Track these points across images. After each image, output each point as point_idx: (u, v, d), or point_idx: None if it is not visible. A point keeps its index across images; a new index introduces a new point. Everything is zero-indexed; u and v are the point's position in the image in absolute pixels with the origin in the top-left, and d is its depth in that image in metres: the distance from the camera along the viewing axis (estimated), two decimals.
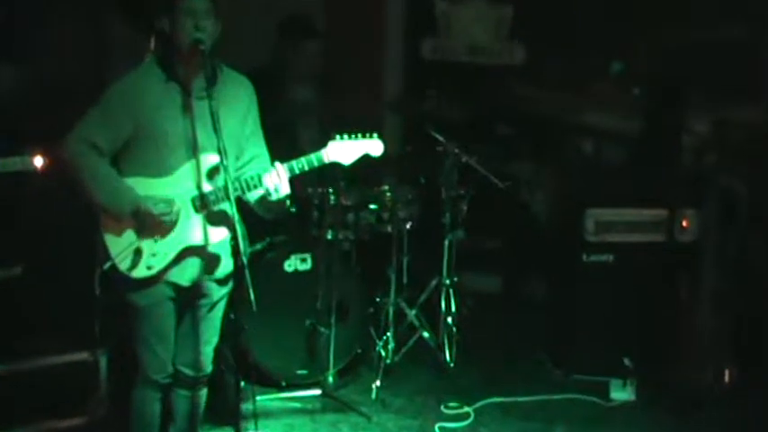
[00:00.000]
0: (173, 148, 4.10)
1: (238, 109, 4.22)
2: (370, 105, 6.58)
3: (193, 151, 4.11)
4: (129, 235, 4.11)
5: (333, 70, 6.41)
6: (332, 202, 5.65)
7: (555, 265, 6.42)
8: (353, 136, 4.16)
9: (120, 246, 4.10)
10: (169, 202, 4.09)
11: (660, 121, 6.65)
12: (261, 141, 4.33)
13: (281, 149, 4.39)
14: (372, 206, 5.91)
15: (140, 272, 4.12)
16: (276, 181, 4.08)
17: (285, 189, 4.11)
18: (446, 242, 6.01)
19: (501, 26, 7.36)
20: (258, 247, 5.61)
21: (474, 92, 7.04)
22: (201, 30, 4.01)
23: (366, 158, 4.22)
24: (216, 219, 4.15)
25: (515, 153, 7.21)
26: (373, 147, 4.20)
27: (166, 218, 4.08)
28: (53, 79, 5.64)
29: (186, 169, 4.13)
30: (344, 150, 4.16)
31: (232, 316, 4.52)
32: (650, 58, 6.92)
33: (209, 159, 4.13)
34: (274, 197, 4.11)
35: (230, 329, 4.51)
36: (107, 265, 4.12)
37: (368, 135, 4.18)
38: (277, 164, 4.12)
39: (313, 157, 4.15)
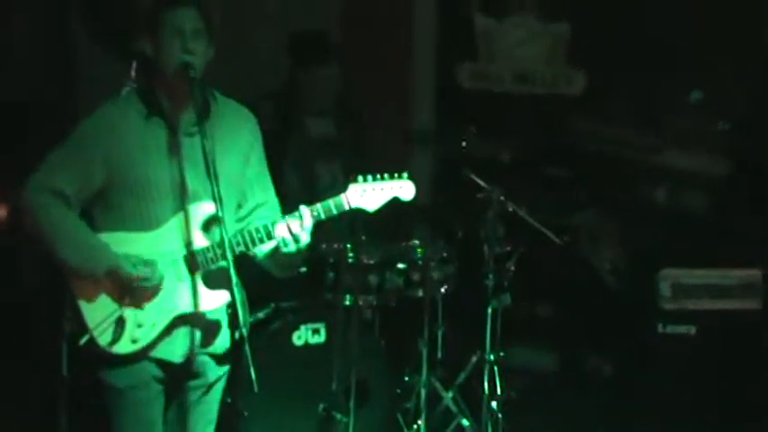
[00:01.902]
0: (157, 198, 4.12)
1: (238, 147, 4.25)
2: (397, 142, 6.63)
3: (183, 200, 4.12)
4: (108, 302, 4.13)
5: (353, 99, 6.49)
6: (350, 260, 5.68)
7: (623, 338, 6.41)
8: (379, 177, 4.17)
9: (98, 314, 4.12)
10: (150, 265, 4.10)
11: (751, 161, 6.69)
12: (267, 185, 4.36)
13: (295, 194, 4.39)
14: (400, 265, 5.93)
15: (124, 346, 4.14)
16: (295, 228, 4.08)
17: (305, 238, 4.10)
18: (489, 309, 6.01)
19: (556, 48, 7.40)
20: (260, 315, 5.65)
21: (522, 127, 7.09)
22: (190, 52, 4.05)
23: (393, 207, 4.23)
24: (213, 281, 4.16)
25: (574, 201, 7.24)
26: (403, 190, 4.20)
27: (146, 283, 4.09)
28: (8, 114, 5.70)
29: (175, 222, 4.14)
30: (369, 194, 4.16)
31: (229, 400, 4.61)
32: (739, 86, 6.97)
33: (203, 209, 4.14)
34: (292, 248, 4.10)
35: (227, 416, 4.50)
36: (84, 338, 4.12)
37: (396, 176, 4.19)
38: (302, 208, 4.11)
39: (331, 202, 4.14)
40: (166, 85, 4.12)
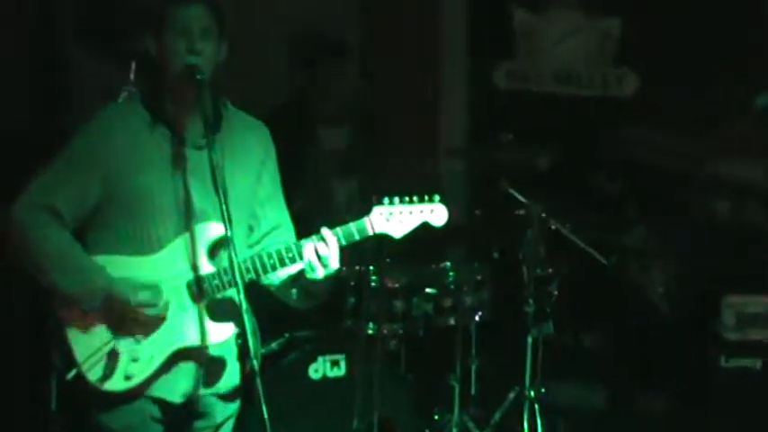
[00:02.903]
0: (160, 217, 4.11)
1: (250, 162, 4.25)
2: (424, 153, 6.71)
3: (188, 220, 4.12)
4: (101, 332, 4.10)
5: (372, 106, 6.52)
6: (374, 285, 5.71)
7: (681, 371, 6.40)
8: (407, 200, 4.16)
9: (88, 347, 4.10)
10: (154, 290, 4.08)
11: None
12: (281, 206, 4.36)
13: (308, 215, 4.44)
14: (429, 290, 5.98)
15: (116, 383, 4.10)
16: (323, 251, 4.07)
17: (335, 262, 4.10)
18: (529, 339, 6.01)
19: (604, 45, 7.42)
20: (274, 346, 5.65)
21: (565, 134, 7.07)
22: (198, 53, 4.05)
23: (422, 227, 4.20)
24: (219, 311, 4.15)
25: (623, 217, 7.25)
26: (435, 214, 4.19)
27: (150, 311, 4.07)
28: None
29: (179, 245, 4.13)
30: (395, 218, 4.16)
31: None
32: None
33: (211, 231, 4.13)
34: (318, 274, 4.10)
35: None
36: (71, 373, 4.10)
37: (427, 198, 4.17)
38: (324, 230, 4.11)
39: (353, 227, 4.14)
40: (171, 89, 4.12)
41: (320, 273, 4.10)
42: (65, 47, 6.22)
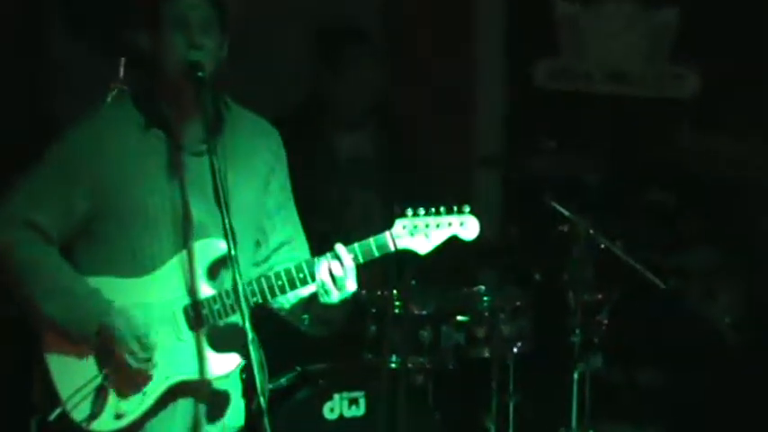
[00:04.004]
0: (154, 233, 4.13)
1: (256, 170, 4.26)
2: (455, 161, 6.66)
3: (186, 236, 4.13)
4: (89, 364, 4.12)
5: (397, 108, 6.51)
6: (397, 311, 5.72)
7: (750, 412, 6.39)
8: (434, 211, 4.16)
9: (74, 381, 4.11)
10: (143, 342, 4.05)
11: None
12: (292, 218, 4.38)
13: (321, 228, 4.45)
14: (460, 317, 5.97)
15: (105, 423, 4.11)
16: (338, 271, 4.07)
17: (351, 285, 4.11)
18: (575, 375, 6.01)
19: (660, 40, 7.42)
20: (283, 381, 5.66)
21: (616, 140, 7.09)
22: (198, 48, 4.06)
23: (451, 243, 4.19)
24: (221, 340, 4.16)
25: (682, 234, 7.23)
26: (465, 227, 4.17)
27: (134, 362, 4.06)
28: None
29: (175, 264, 4.14)
30: (420, 232, 4.15)
31: None
32: None
33: (211, 248, 4.14)
34: (333, 297, 4.10)
35: None
36: (54, 413, 4.11)
37: (456, 210, 4.17)
38: (338, 246, 4.11)
39: (372, 242, 4.14)
40: (168, 89, 4.14)
41: (335, 296, 4.09)
42: (47, 36, 6.30)
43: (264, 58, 6.67)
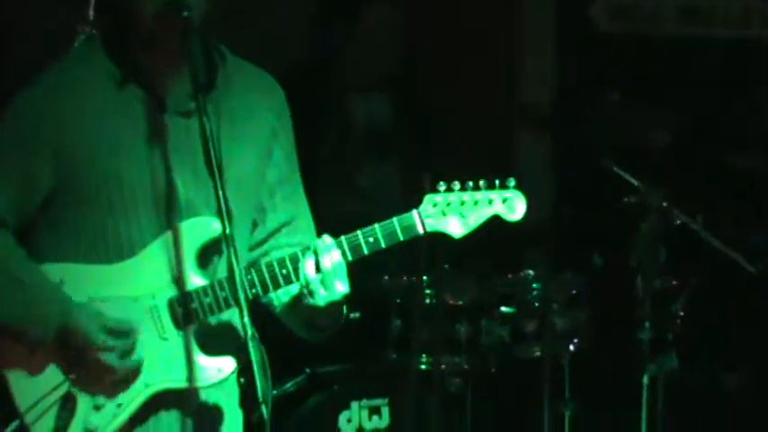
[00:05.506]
0: (132, 211, 4.03)
1: (256, 134, 4.16)
2: (494, 124, 6.42)
3: (170, 215, 4.03)
4: (53, 372, 4.04)
5: (421, 65, 6.38)
6: (428, 302, 5.62)
7: None
8: (471, 186, 4.07)
9: (35, 390, 4.05)
10: (128, 333, 3.98)
11: None
12: (297, 194, 4.29)
13: (332, 206, 4.36)
14: (504, 309, 5.88)
15: None
16: (326, 266, 3.98)
17: (342, 286, 3.99)
18: (645, 378, 5.82)
19: None
20: (290, 387, 5.65)
21: (692, 92, 6.90)
22: None
23: (493, 223, 4.08)
24: (213, 340, 4.08)
25: None
26: (508, 205, 4.08)
27: (115, 362, 3.95)
28: None
29: (157, 249, 4.04)
30: (454, 212, 4.08)
31: None
32: None
33: (201, 229, 4.05)
34: (320, 300, 3.99)
35: None
36: (10, 427, 4.03)
37: (498, 185, 4.05)
38: (325, 237, 4.04)
39: (395, 223, 4.04)
40: (147, 34, 3.99)
41: (319, 297, 3.98)
42: None
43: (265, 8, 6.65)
